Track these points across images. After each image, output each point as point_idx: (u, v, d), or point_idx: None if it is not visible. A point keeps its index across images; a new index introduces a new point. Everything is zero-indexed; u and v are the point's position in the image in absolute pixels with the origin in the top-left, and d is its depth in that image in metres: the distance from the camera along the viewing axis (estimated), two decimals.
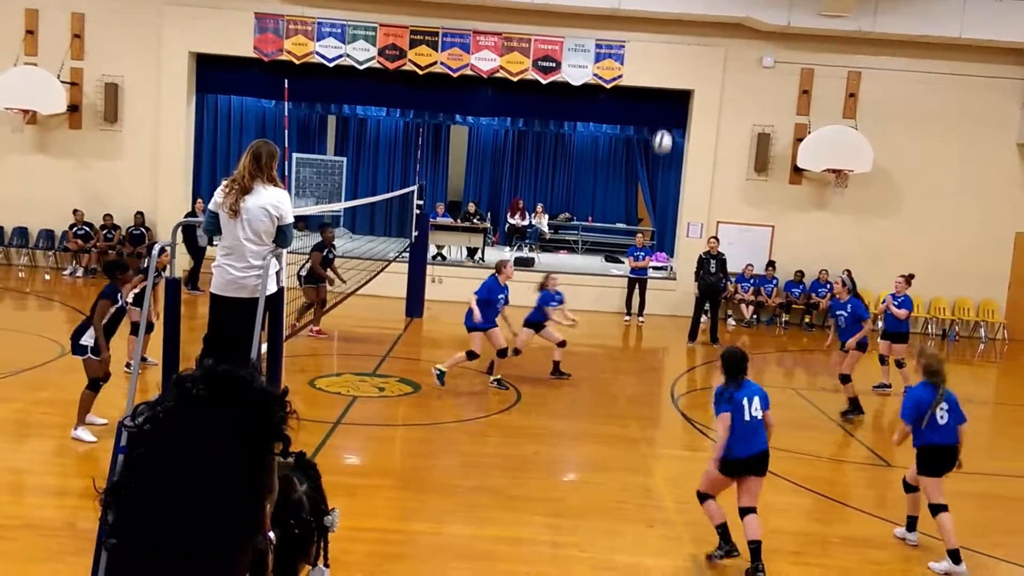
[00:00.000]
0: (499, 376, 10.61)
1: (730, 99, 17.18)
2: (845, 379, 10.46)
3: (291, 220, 6.00)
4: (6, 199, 17.19)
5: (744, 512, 6.08)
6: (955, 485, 6.69)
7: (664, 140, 16.23)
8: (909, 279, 11.72)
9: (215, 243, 6.50)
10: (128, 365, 9.37)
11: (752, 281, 17.18)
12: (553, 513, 6.97)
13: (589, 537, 6.53)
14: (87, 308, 13.86)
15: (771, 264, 17.38)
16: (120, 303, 7.90)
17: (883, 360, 11.83)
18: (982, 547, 6.66)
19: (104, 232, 17.28)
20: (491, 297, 10.34)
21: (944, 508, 6.28)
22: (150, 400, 1.54)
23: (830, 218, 17.45)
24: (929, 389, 6.49)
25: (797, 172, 17.33)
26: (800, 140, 17.06)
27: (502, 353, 10.44)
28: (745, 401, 6.10)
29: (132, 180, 17.35)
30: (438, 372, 10.22)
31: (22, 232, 17.56)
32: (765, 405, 6.20)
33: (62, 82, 16.91)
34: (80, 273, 17.00)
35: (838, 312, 10.80)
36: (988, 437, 10.33)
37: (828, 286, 16.21)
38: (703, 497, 6.32)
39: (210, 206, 5.94)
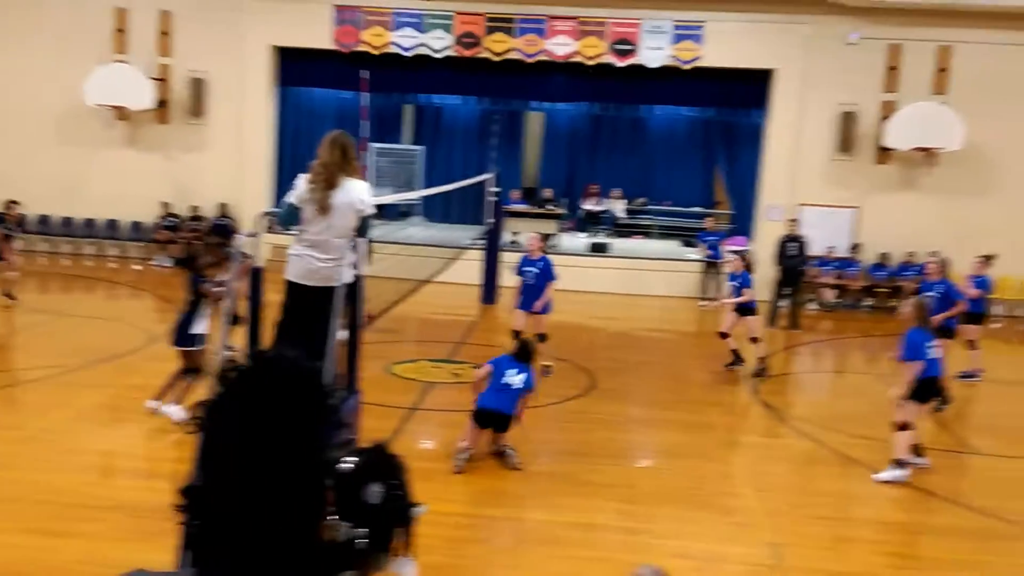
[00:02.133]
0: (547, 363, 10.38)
1: (813, 77, 16.71)
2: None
3: (373, 211, 6.03)
4: (98, 193, 17.88)
5: None
6: None
7: None
8: (988, 259, 11.47)
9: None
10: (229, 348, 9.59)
11: (835, 264, 16.74)
12: (627, 499, 6.93)
13: (664, 524, 6.48)
14: (175, 297, 14.35)
15: (856, 246, 16.89)
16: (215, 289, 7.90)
17: (971, 345, 11.40)
18: None
19: (191, 223, 17.83)
20: (519, 274, 10.38)
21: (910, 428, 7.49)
22: (212, 394, 1.56)
23: (919, 199, 16.84)
24: (924, 332, 7.58)
25: (884, 151, 16.77)
26: (887, 118, 16.50)
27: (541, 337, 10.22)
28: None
29: (217, 172, 17.85)
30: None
31: (113, 224, 18.25)
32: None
33: (151, 79, 17.48)
34: (168, 263, 17.58)
35: (930, 293, 10.46)
36: None
37: (918, 268, 15.67)
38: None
39: (290, 199, 5.89)
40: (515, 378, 7.34)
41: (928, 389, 7.64)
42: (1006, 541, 6.44)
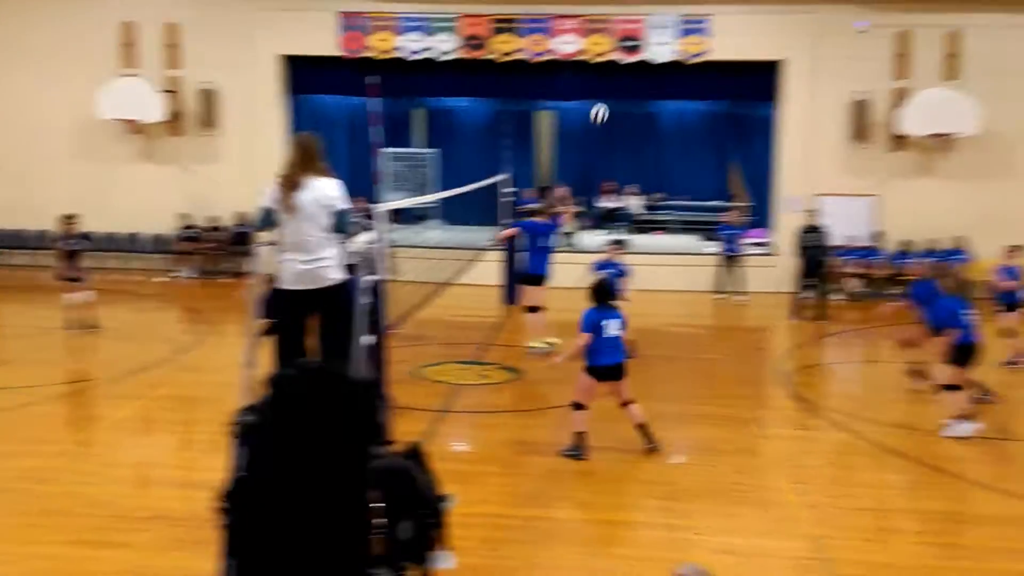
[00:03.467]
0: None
1: (823, 67, 16.64)
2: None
3: (344, 206, 5.97)
4: (117, 207, 17.91)
5: None
6: None
7: (601, 112, 15.16)
8: (1016, 249, 11.42)
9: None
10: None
11: (857, 253, 16.66)
12: (665, 496, 6.89)
13: (704, 520, 6.43)
14: (200, 308, 14.38)
15: (877, 234, 16.81)
16: None
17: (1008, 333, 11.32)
18: None
19: (211, 233, 17.87)
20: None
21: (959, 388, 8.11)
22: (251, 403, 1.55)
23: (937, 185, 16.73)
24: (958, 299, 8.24)
25: (899, 139, 16.68)
26: (899, 105, 16.41)
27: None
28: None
29: (232, 182, 17.84)
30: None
31: (134, 238, 18.30)
32: None
33: (162, 91, 17.52)
34: (190, 275, 17.61)
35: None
36: None
37: (942, 254, 15.58)
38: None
39: (263, 202, 5.97)
40: (615, 327, 7.62)
41: (967, 354, 8.08)
42: None
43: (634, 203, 19.98)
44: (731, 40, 16.67)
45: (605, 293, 7.79)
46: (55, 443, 7.61)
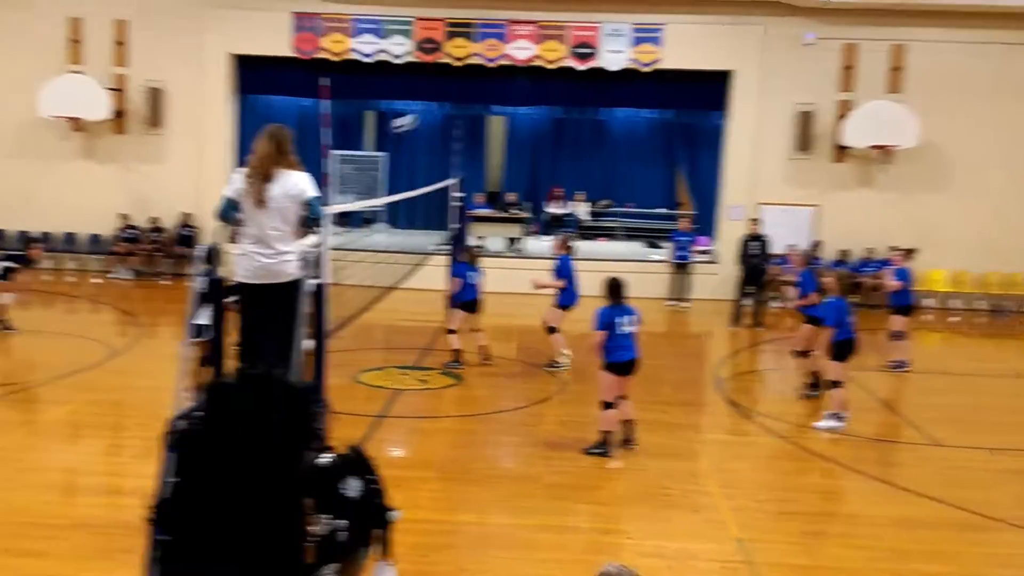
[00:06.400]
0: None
1: (770, 78, 16.92)
2: (804, 354, 10.29)
3: (315, 194, 5.90)
4: (55, 205, 17.56)
5: None
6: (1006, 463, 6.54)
7: (406, 120, 14.93)
8: (908, 252, 12.09)
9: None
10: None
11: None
12: (597, 501, 6.95)
13: (635, 524, 6.50)
14: (136, 310, 14.14)
15: (816, 244, 17.09)
16: None
17: (898, 336, 11.60)
18: None
19: (151, 234, 17.59)
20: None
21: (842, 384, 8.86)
22: (187, 408, 1.54)
23: (876, 196, 17.10)
24: (843, 302, 8.93)
25: (841, 150, 17.00)
26: (843, 117, 16.73)
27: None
28: None
29: (177, 182, 17.62)
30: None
31: (71, 237, 17.94)
32: None
33: (107, 89, 17.23)
34: (128, 276, 17.31)
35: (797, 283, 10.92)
36: None
37: (878, 264, 15.91)
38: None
39: (228, 193, 5.82)
40: (628, 324, 7.82)
41: (847, 349, 8.89)
42: (975, 531, 6.53)
43: (581, 209, 20.09)
44: (682, 49, 16.88)
45: (618, 291, 7.89)
46: None
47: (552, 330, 10.78)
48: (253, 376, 1.59)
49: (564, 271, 10.70)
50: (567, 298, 10.69)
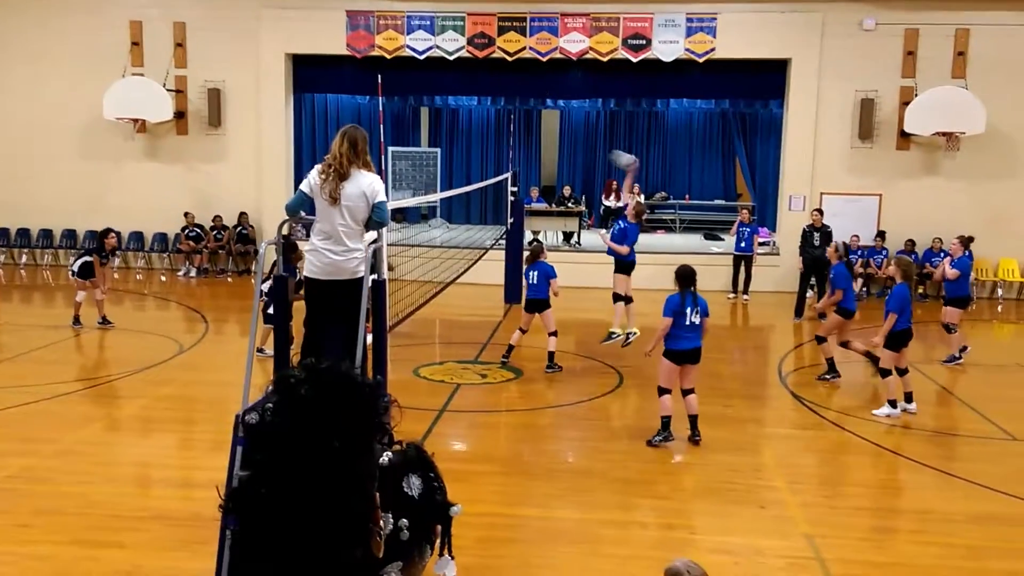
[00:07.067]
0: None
1: (830, 66, 16.60)
2: (820, 340, 10.40)
3: (384, 198, 5.99)
4: (122, 205, 18.01)
5: None
6: None
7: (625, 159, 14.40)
8: (965, 241, 11.73)
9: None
10: (260, 350, 9.68)
11: (860, 253, 16.60)
12: (662, 495, 6.91)
13: (699, 519, 6.44)
14: (202, 307, 14.44)
15: (880, 234, 16.76)
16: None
17: (948, 328, 11.30)
18: None
19: (214, 233, 17.94)
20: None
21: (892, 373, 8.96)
22: (259, 400, 1.57)
23: (942, 184, 16.69)
24: (907, 287, 9.02)
25: (904, 137, 16.63)
26: (906, 104, 16.35)
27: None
28: None
29: (237, 181, 17.94)
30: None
31: (138, 236, 18.39)
32: None
33: (168, 90, 17.60)
34: (193, 273, 17.70)
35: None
36: None
37: (942, 255, 15.53)
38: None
39: (303, 188, 5.89)
40: (695, 314, 7.86)
41: (902, 339, 8.94)
42: None
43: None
44: (738, 39, 16.64)
45: (689, 279, 7.89)
46: (54, 443, 7.64)
47: (618, 298, 10.69)
48: (319, 369, 1.61)
49: (633, 236, 10.61)
50: (631, 258, 10.62)
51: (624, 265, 10.67)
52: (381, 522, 1.74)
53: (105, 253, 12.41)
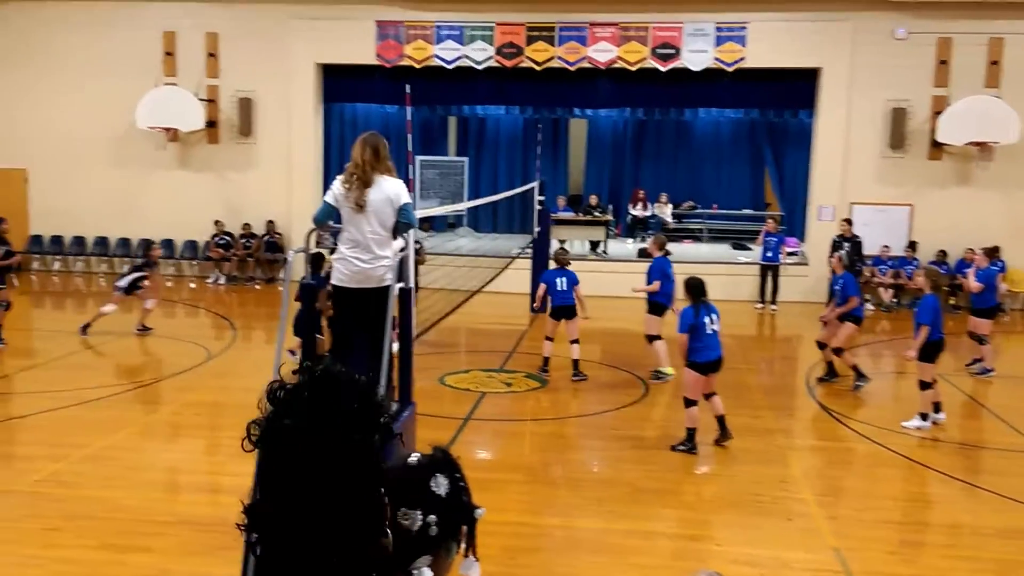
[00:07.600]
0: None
1: (861, 75, 16.47)
2: (838, 352, 10.38)
3: (408, 200, 6.01)
4: (153, 213, 18.25)
5: None
6: None
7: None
8: (990, 252, 11.60)
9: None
10: (292, 352, 9.74)
11: (890, 263, 16.43)
12: (686, 506, 6.87)
13: (724, 531, 6.40)
14: (231, 314, 14.58)
15: (911, 245, 16.57)
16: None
17: (979, 340, 11.15)
18: None
19: (243, 241, 18.12)
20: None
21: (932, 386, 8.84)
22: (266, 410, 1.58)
23: (974, 194, 16.47)
24: (936, 298, 8.93)
25: (936, 147, 16.44)
26: (939, 113, 16.18)
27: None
28: None
29: (266, 190, 18.11)
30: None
31: (168, 244, 18.62)
32: None
33: (200, 99, 17.82)
34: (222, 281, 17.89)
35: (835, 287, 10.69)
36: None
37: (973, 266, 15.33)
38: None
39: (328, 198, 5.93)
40: (713, 323, 7.92)
41: (936, 350, 8.86)
42: None
43: (664, 211, 19.92)
44: (767, 48, 16.57)
45: (699, 290, 7.91)
46: (83, 447, 7.73)
47: (652, 339, 10.66)
48: (314, 372, 1.63)
49: (657, 273, 10.56)
50: (661, 300, 10.54)
51: (656, 306, 10.62)
52: (407, 520, 1.78)
53: (154, 266, 12.73)
